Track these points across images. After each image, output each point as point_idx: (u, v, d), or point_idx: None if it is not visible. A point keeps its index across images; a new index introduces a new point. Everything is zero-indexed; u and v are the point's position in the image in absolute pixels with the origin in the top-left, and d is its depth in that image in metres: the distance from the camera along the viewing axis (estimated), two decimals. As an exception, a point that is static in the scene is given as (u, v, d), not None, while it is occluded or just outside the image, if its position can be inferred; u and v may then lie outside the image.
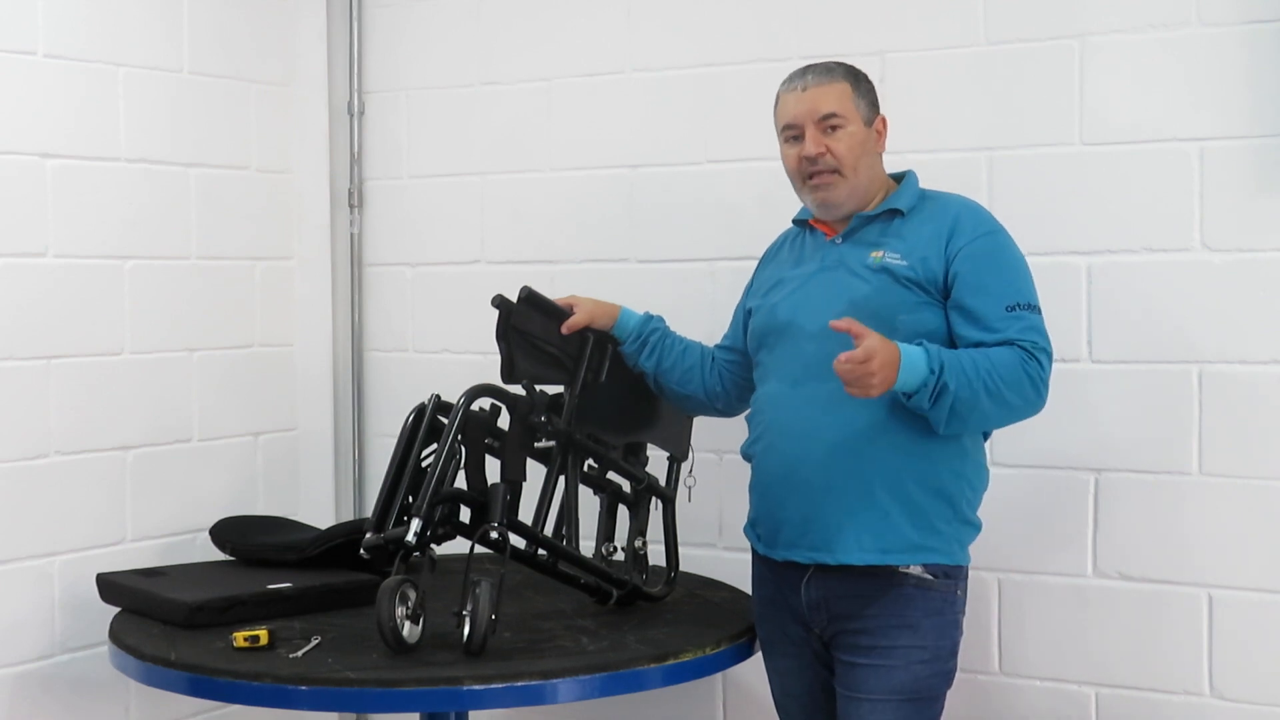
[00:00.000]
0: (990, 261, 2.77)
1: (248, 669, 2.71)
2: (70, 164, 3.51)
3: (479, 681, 2.63)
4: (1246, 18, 3.07)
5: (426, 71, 4.03)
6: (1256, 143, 3.08)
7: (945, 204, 2.86)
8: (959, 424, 2.71)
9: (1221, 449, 3.12)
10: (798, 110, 2.85)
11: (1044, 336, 2.75)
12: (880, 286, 2.78)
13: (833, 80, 2.85)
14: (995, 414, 2.72)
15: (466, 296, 3.89)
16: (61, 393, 3.48)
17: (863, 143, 2.84)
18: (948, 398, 2.65)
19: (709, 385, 3.11)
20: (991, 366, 2.67)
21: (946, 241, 2.78)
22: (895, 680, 2.77)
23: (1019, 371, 2.69)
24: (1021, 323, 2.73)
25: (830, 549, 2.78)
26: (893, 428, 2.75)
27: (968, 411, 2.68)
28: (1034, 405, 2.74)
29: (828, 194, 2.85)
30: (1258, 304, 3.09)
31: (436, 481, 2.79)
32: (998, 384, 2.67)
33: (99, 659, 3.38)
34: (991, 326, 2.72)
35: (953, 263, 2.77)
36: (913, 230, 2.82)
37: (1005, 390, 2.68)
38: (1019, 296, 2.75)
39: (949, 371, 2.65)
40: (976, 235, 2.79)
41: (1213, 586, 3.14)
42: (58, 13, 3.47)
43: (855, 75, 2.88)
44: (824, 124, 2.82)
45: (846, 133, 2.82)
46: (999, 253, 2.79)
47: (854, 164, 2.83)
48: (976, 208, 2.89)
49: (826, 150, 2.82)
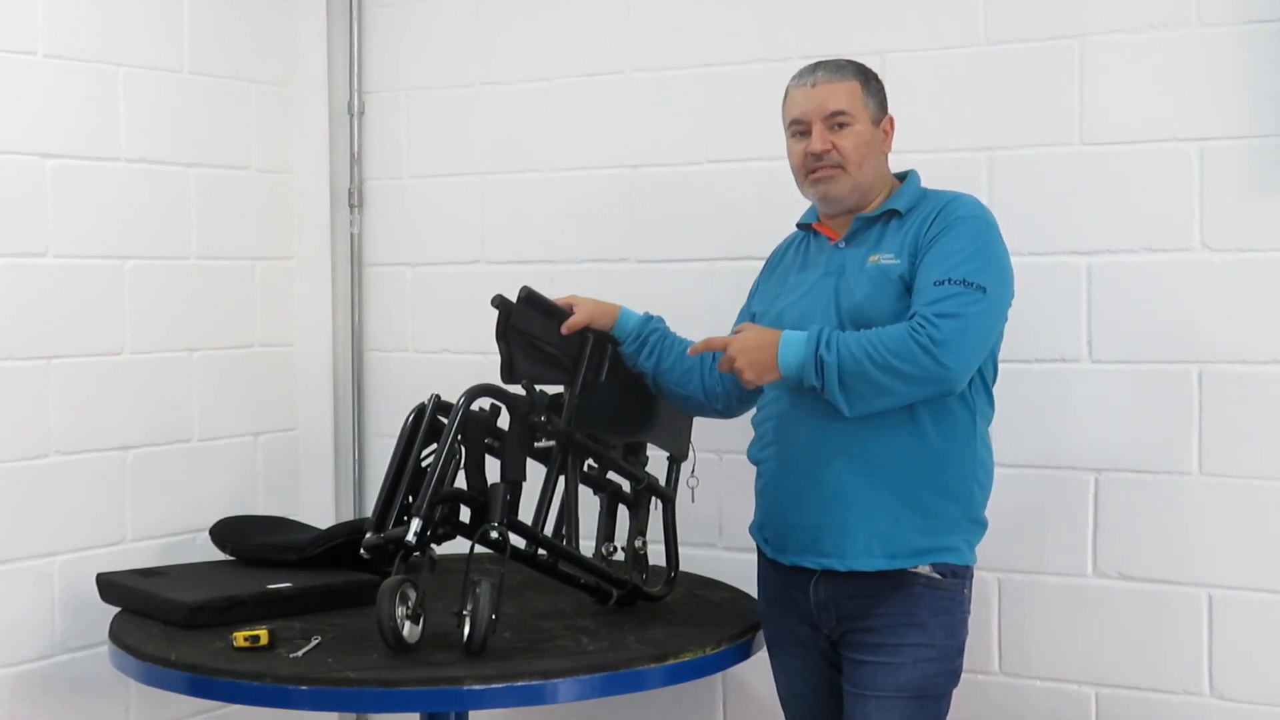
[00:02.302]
0: (944, 238, 2.73)
1: (248, 669, 2.71)
2: (70, 164, 3.51)
3: (480, 681, 2.63)
4: (1246, 18, 3.07)
5: (426, 71, 4.03)
6: (1256, 143, 3.08)
7: (938, 199, 2.85)
8: (859, 401, 2.66)
9: (1221, 449, 3.12)
10: (806, 106, 2.84)
11: (961, 306, 2.63)
12: (874, 290, 2.77)
13: (843, 78, 2.84)
14: (894, 385, 2.63)
15: (466, 296, 3.89)
16: (61, 393, 3.48)
17: (869, 141, 2.84)
18: (832, 371, 2.64)
19: (708, 386, 3.10)
20: (876, 337, 2.64)
21: (929, 223, 2.76)
22: (903, 678, 2.77)
23: (906, 340, 2.62)
24: (937, 296, 2.65)
25: (841, 555, 2.78)
26: (902, 433, 2.75)
27: (860, 385, 2.63)
28: (934, 372, 2.62)
29: (829, 187, 2.84)
30: (1258, 304, 3.08)
31: (437, 481, 2.78)
32: (883, 354, 2.62)
33: (99, 659, 3.38)
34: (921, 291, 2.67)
35: (927, 239, 2.75)
36: (907, 229, 2.81)
37: (893, 359, 2.61)
38: (954, 272, 2.67)
39: (827, 346, 2.65)
40: (946, 217, 2.76)
41: (1213, 586, 3.14)
42: (58, 13, 3.47)
43: (865, 74, 2.88)
44: (831, 121, 2.82)
45: (853, 131, 2.82)
46: (958, 230, 2.73)
47: (859, 162, 2.82)
48: (966, 199, 2.84)
49: (832, 147, 2.81)
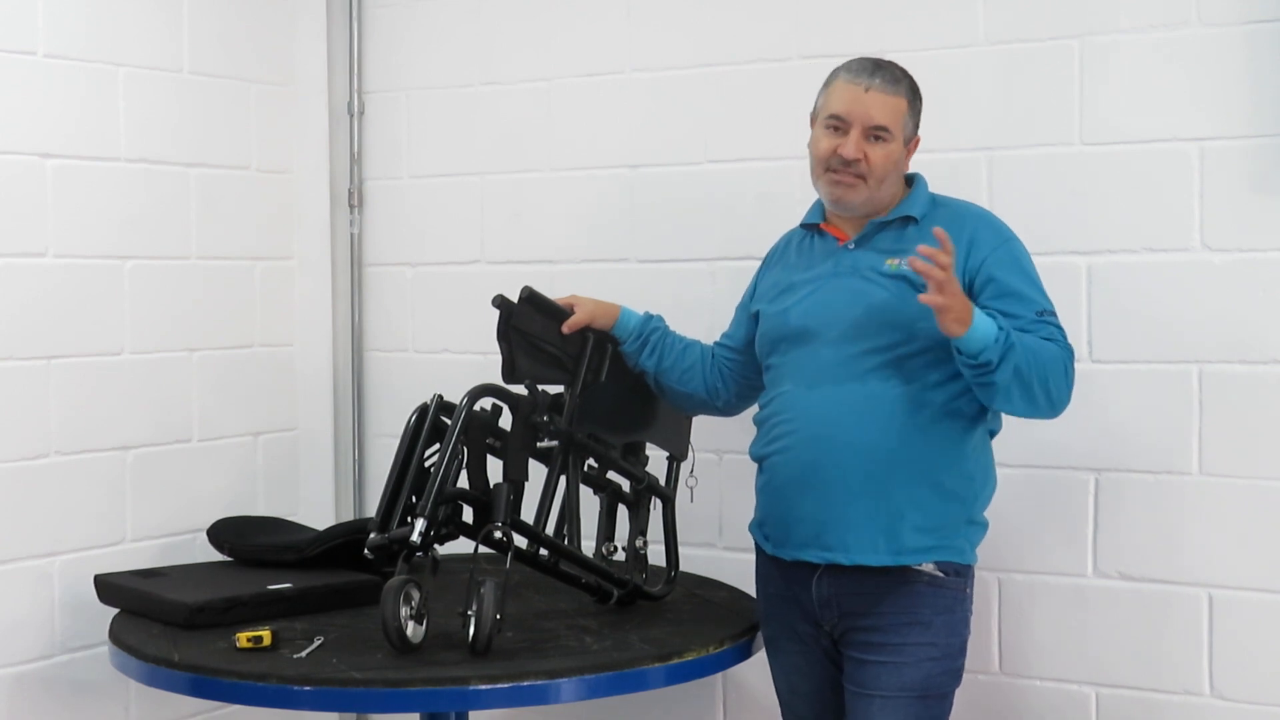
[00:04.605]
0: (1017, 268, 2.80)
1: (252, 669, 2.71)
2: (70, 164, 3.50)
3: (485, 681, 2.63)
4: (1246, 18, 3.08)
5: (426, 71, 4.02)
6: (1256, 143, 3.08)
7: (959, 213, 2.87)
8: (1009, 398, 2.69)
9: (1221, 449, 3.13)
10: (852, 108, 2.82)
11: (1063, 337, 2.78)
12: (899, 293, 2.78)
13: (896, 93, 2.83)
14: (1036, 397, 2.70)
15: (466, 296, 3.89)
16: (61, 393, 3.48)
17: (896, 160, 2.85)
18: (1011, 362, 2.64)
19: (710, 384, 3.11)
20: (1045, 351, 2.70)
21: (967, 251, 2.79)
22: (906, 677, 2.77)
23: (1063, 366, 2.72)
24: (1053, 328, 2.75)
25: (846, 549, 2.79)
26: (908, 431, 2.76)
27: (1022, 386, 2.67)
28: (1059, 405, 2.75)
29: (845, 193, 2.84)
30: (1258, 304, 3.09)
31: (441, 482, 2.79)
32: (1046, 370, 2.69)
33: (99, 659, 3.38)
34: (1027, 329, 2.73)
35: (979, 272, 2.78)
36: (928, 238, 2.79)
37: (1050, 380, 2.70)
38: (1045, 304, 2.79)
39: (1015, 338, 2.66)
40: (998, 244, 2.81)
41: (1213, 586, 3.15)
42: (58, 13, 3.46)
43: (915, 92, 2.87)
44: (870, 132, 2.81)
45: (887, 148, 2.82)
46: (1021, 260, 2.83)
47: (881, 178, 2.83)
48: (990, 216, 2.91)
49: (864, 158, 2.81)
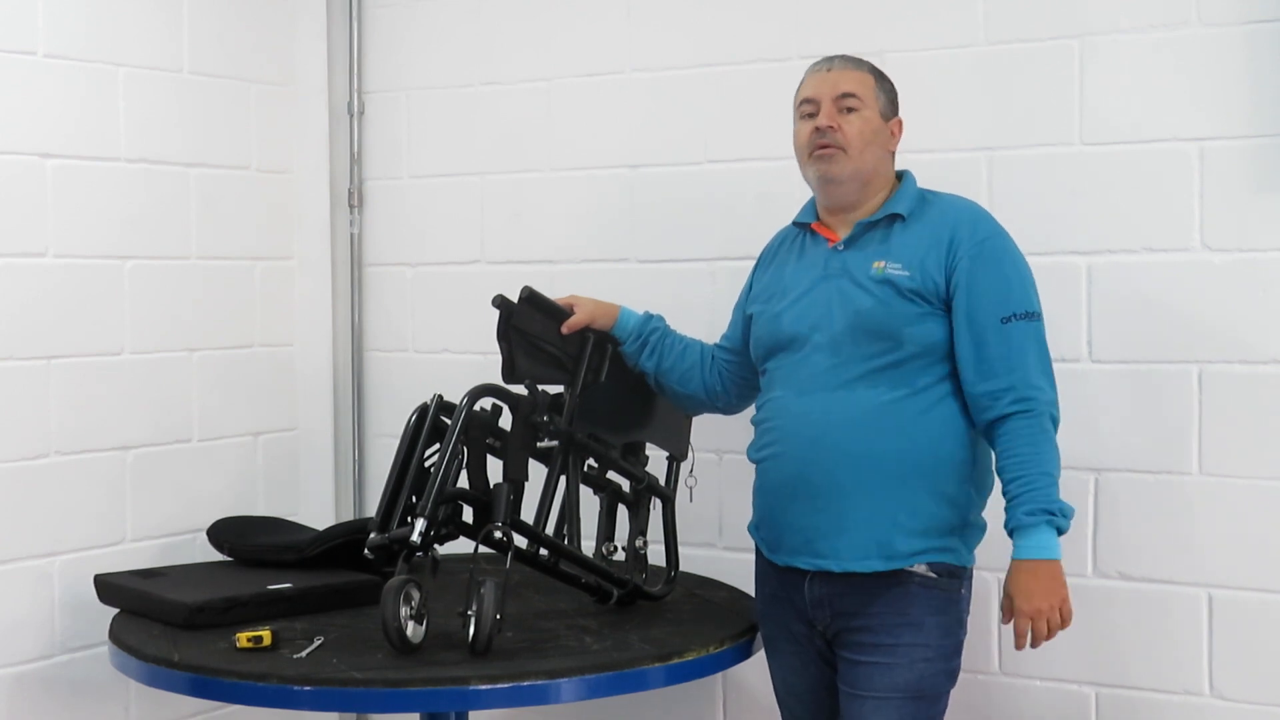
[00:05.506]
0: (987, 269, 2.77)
1: (252, 669, 2.71)
2: (70, 164, 3.50)
3: (485, 681, 2.63)
4: (1246, 18, 3.08)
5: (427, 71, 4.03)
6: (1256, 143, 3.08)
7: (944, 208, 2.86)
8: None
9: (1221, 449, 3.13)
10: (819, 88, 2.86)
11: (1027, 337, 2.76)
12: (884, 299, 2.77)
13: (858, 69, 2.89)
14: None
15: (466, 296, 3.89)
16: (61, 393, 3.48)
17: (875, 130, 2.84)
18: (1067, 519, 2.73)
19: (709, 384, 3.11)
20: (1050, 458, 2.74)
21: (947, 249, 2.78)
22: (899, 678, 2.77)
23: (1050, 445, 2.75)
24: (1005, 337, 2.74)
25: (837, 556, 2.79)
26: (899, 437, 2.75)
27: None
28: (1056, 419, 2.80)
29: (830, 166, 2.83)
30: (1258, 304, 3.09)
31: (440, 481, 2.79)
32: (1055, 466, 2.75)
33: (99, 659, 3.38)
34: (986, 354, 2.74)
35: (954, 273, 2.77)
36: (914, 236, 2.81)
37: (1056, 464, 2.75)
38: (1014, 306, 2.76)
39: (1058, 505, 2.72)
40: (975, 241, 2.79)
41: (1213, 586, 3.15)
42: (58, 13, 3.46)
43: (879, 73, 2.91)
44: (841, 102, 2.84)
45: (861, 116, 2.83)
46: (997, 258, 2.79)
47: (861, 147, 2.82)
48: (976, 211, 2.88)
49: (838, 127, 2.82)
